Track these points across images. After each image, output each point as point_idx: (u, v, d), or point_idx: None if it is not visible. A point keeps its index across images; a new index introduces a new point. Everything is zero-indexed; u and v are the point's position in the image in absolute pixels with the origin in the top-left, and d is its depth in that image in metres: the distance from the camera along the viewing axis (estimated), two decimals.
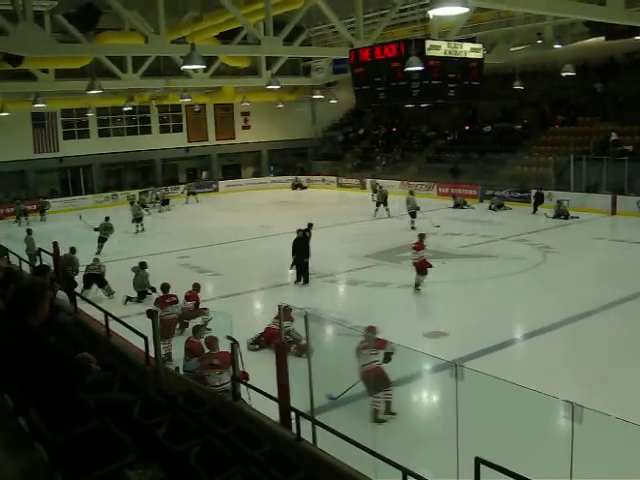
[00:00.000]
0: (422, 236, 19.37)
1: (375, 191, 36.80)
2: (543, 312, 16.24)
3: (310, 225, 21.86)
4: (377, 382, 10.77)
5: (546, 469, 8.24)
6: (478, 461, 5.40)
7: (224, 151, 49.62)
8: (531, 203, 32.16)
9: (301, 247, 19.62)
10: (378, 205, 31.61)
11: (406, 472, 5.59)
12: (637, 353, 13.58)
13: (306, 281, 19.69)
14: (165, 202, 40.16)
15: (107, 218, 26.43)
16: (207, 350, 10.76)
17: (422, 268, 18.63)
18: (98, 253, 21.44)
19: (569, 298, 17.36)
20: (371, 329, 11.24)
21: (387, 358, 10.77)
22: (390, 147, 46.92)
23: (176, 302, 14.75)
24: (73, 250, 19.19)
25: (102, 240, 25.21)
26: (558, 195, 31.62)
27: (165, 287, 15.17)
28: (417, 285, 18.73)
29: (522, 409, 9.54)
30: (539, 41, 33.53)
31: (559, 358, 13.53)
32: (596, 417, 7.34)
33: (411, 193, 31.43)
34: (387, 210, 31.22)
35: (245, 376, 9.90)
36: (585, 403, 6.55)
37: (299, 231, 20.05)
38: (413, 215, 29.04)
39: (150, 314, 14.55)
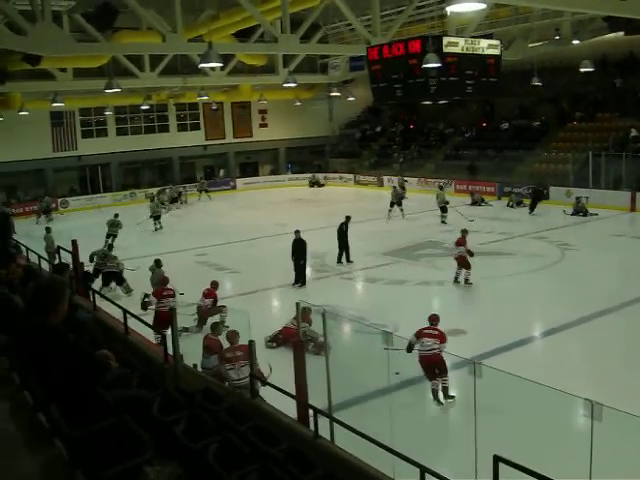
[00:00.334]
0: (465, 232, 19.39)
1: (402, 187, 36.90)
2: (561, 310, 16.14)
3: (348, 218, 22.46)
4: (436, 367, 11.54)
5: (565, 467, 8.21)
6: (497, 459, 5.38)
7: (241, 149, 49.69)
8: (532, 200, 31.73)
9: (299, 249, 19.44)
10: (392, 206, 30.99)
11: (424, 470, 5.59)
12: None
13: (303, 283, 19.44)
14: (174, 200, 40.34)
15: (116, 215, 26.84)
16: (228, 344, 10.82)
17: (464, 262, 18.74)
18: (109, 249, 21.46)
19: (588, 296, 17.26)
20: (434, 318, 12.09)
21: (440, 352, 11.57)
22: (407, 144, 46.80)
23: (172, 296, 14.89)
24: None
25: (109, 236, 25.56)
26: (577, 192, 31.41)
27: (164, 281, 15.54)
28: (467, 280, 18.82)
29: (541, 407, 9.51)
30: (557, 37, 33.27)
31: (578, 356, 13.46)
32: (616, 415, 7.31)
33: (440, 188, 31.87)
34: (402, 211, 30.73)
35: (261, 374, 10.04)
36: (604, 401, 6.51)
37: (297, 232, 19.78)
38: (444, 210, 29.40)
39: (144, 306, 14.88)
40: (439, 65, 16.77)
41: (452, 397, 11.57)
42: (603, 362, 12.82)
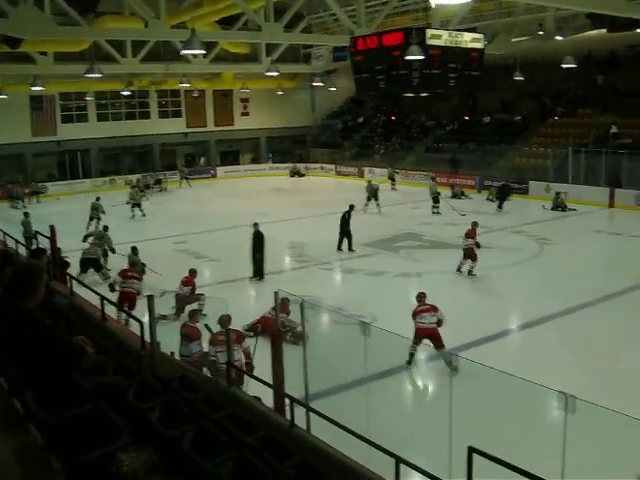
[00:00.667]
0: (475, 224, 19.56)
1: (392, 179, 37.00)
2: (540, 303, 16.27)
3: (352, 207, 22.89)
4: (431, 340, 12.33)
5: (539, 459, 8.27)
6: (471, 450, 5.41)
7: (223, 137, 49.53)
8: (499, 196, 31.50)
9: (258, 242, 19.05)
10: (368, 199, 30.51)
11: (399, 460, 5.61)
12: (633, 346, 13.65)
13: (261, 277, 19.07)
14: (147, 187, 40.37)
15: (98, 198, 27.42)
16: (220, 328, 10.92)
17: (471, 254, 18.87)
18: (105, 230, 21.42)
19: (566, 290, 17.39)
20: (422, 295, 13.05)
21: (439, 323, 12.49)
22: (389, 136, 46.86)
23: (137, 279, 15.26)
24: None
25: (92, 219, 26.00)
26: (556, 187, 31.60)
27: (132, 263, 16.52)
28: (470, 271, 18.93)
29: (517, 399, 9.58)
30: (540, 32, 33.42)
31: (555, 349, 13.55)
32: (590, 408, 7.37)
33: (432, 179, 32.39)
34: (378, 205, 30.16)
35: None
36: (580, 394, 6.56)
37: (255, 225, 19.47)
38: (436, 200, 29.72)
39: (111, 287, 15.04)
40: (422, 57, 16.79)
41: (455, 369, 11.62)
42: (580, 355, 12.94)
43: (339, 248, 22.35)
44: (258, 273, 19.03)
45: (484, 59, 19.05)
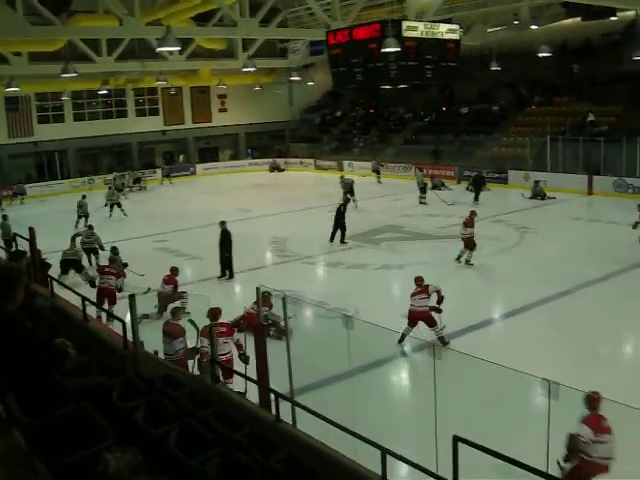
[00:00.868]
0: (473, 213, 19.59)
1: (377, 172, 37.01)
2: (521, 292, 16.38)
3: (347, 200, 23.62)
4: (423, 321, 12.99)
5: (524, 446, 8.33)
6: (456, 439, 5.43)
7: (201, 134, 49.33)
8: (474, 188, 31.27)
9: (225, 241, 18.81)
10: (348, 194, 29.53)
11: (385, 451, 5.62)
12: (613, 331, 13.77)
13: (231, 276, 18.87)
14: (137, 180, 40.31)
15: (83, 197, 27.83)
16: (211, 321, 10.93)
17: (470, 243, 18.99)
18: (90, 229, 21.34)
19: (546, 278, 17.49)
20: (419, 279, 13.56)
21: (440, 301, 13.27)
22: (367, 129, 46.88)
23: (114, 275, 15.51)
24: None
25: (80, 218, 26.41)
26: (535, 176, 31.76)
27: (111, 260, 16.90)
28: (467, 261, 19.03)
29: (500, 387, 9.64)
30: (515, 22, 33.54)
31: (537, 337, 13.61)
32: (573, 394, 7.44)
33: (419, 170, 32.71)
34: (354, 201, 29.23)
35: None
36: (564, 381, 6.61)
37: (222, 224, 19.22)
38: (423, 191, 30.09)
39: (92, 283, 15.20)
40: (398, 49, 16.80)
41: (447, 343, 12.83)
42: (562, 342, 13.01)
43: (331, 240, 22.37)
44: (227, 272, 18.83)
45: (460, 50, 19.10)
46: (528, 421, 9.23)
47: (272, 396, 7.42)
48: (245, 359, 10.53)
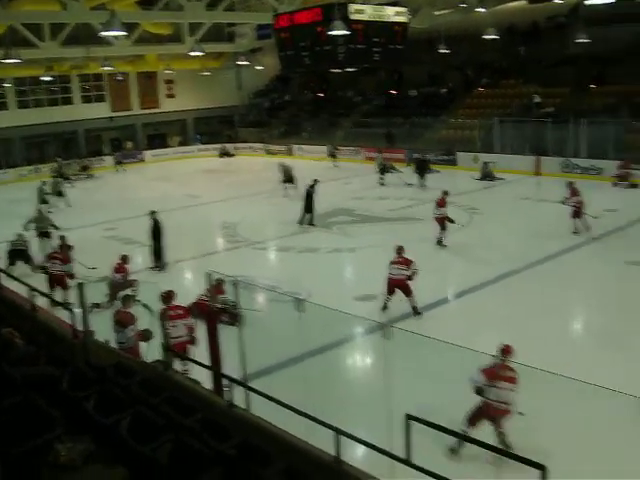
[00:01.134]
0: (445, 193, 19.65)
1: (333, 156, 36.98)
2: (471, 272, 16.61)
3: (315, 181, 22.93)
4: (400, 289, 13.73)
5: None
6: (409, 418, 5.48)
7: (149, 120, 48.77)
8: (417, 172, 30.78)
9: (156, 230, 18.39)
10: (285, 182, 29.03)
11: (338, 432, 5.65)
12: (562, 309, 14.03)
13: (162, 267, 18.47)
14: (84, 168, 39.78)
15: (43, 183, 28.48)
16: (164, 305, 11.02)
17: (442, 224, 19.14)
18: (40, 214, 21.14)
19: (496, 258, 17.76)
20: (400, 249, 14.09)
21: (413, 275, 13.72)
22: (317, 113, 46.80)
23: (60, 259, 15.61)
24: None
25: (42, 203, 26.26)
26: (484, 157, 32.09)
27: (60, 246, 16.80)
28: (440, 241, 19.18)
29: (451, 365, 9.76)
30: (463, 5, 33.74)
31: (488, 315, 13.79)
32: (525, 370, 7.60)
33: (379, 151, 33.32)
34: (294, 188, 28.32)
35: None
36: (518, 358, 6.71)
37: (153, 213, 18.72)
38: (383, 172, 30.55)
39: (42, 268, 15.41)
40: (346, 32, 16.78)
41: (420, 314, 13.72)
42: (511, 320, 13.20)
43: (301, 223, 22.40)
44: (158, 263, 18.49)
45: (408, 33, 19.16)
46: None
47: (225, 381, 7.40)
48: (193, 341, 10.67)
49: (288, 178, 29.13)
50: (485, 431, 8.29)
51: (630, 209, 23.18)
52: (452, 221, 19.40)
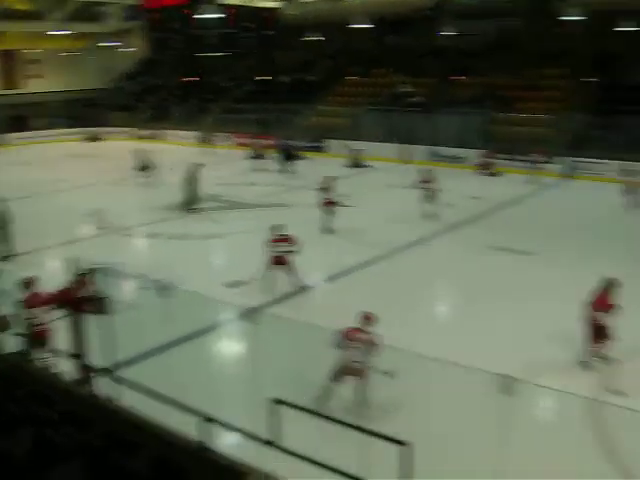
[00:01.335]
0: (329, 178, 20.04)
1: (206, 142, 36.37)
2: (338, 258, 16.88)
3: (198, 165, 22.79)
4: (285, 267, 14.16)
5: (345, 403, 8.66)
6: (275, 402, 5.53)
7: (10, 102, 46.67)
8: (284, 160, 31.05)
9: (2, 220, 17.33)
10: (141, 170, 27.83)
11: (206, 418, 5.64)
12: (425, 293, 14.47)
13: (6, 258, 17.18)
14: None
15: None
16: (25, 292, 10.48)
17: (329, 208, 19.37)
18: None
19: (362, 243, 18.23)
20: (279, 227, 14.47)
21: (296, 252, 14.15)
22: (186, 97, 46.10)
23: None
24: None
25: None
26: (353, 145, 32.51)
27: None
28: (327, 227, 19.38)
29: (316, 347, 9.92)
30: None
31: (354, 300, 14.00)
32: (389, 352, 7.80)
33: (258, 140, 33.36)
34: (149, 177, 27.37)
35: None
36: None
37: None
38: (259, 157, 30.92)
39: None
40: (216, 16, 16.62)
41: (304, 288, 14.27)
42: (376, 305, 13.44)
43: (183, 207, 22.37)
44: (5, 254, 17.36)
45: (280, 19, 19.14)
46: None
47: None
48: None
49: (145, 165, 27.92)
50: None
51: (492, 196, 24.26)
52: (340, 205, 19.73)
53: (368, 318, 9.31)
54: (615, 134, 29.08)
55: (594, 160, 27.29)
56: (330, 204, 19.50)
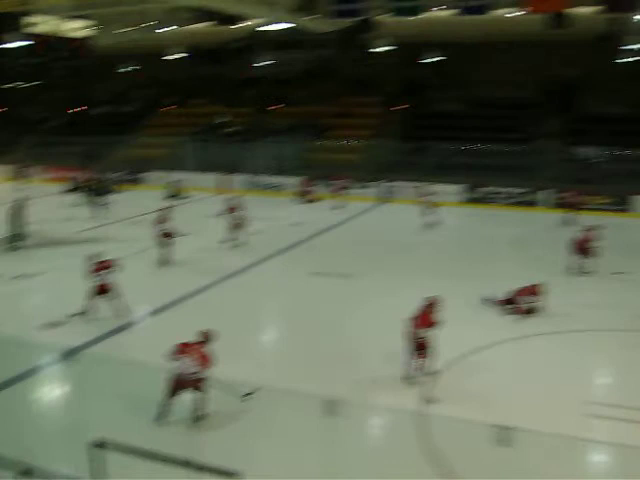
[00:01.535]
0: (165, 210, 19.84)
1: (20, 177, 34.37)
2: (164, 289, 16.64)
3: (21, 201, 21.67)
4: (109, 295, 13.98)
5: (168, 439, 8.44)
6: (96, 444, 5.32)
7: None
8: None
9: None
10: None
11: (23, 470, 5.32)
12: (252, 319, 14.50)
13: None
14: None
15: None
16: None
17: (165, 240, 18.93)
18: None
19: (191, 272, 18.29)
20: (98, 255, 14.18)
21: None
22: None
23: None
24: None
25: None
26: (171, 176, 32.11)
27: None
28: (163, 260, 18.91)
29: (143, 384, 9.66)
30: (149, 23, 33.68)
31: (187, 329, 13.72)
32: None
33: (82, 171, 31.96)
34: None
35: None
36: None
37: None
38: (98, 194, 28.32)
39: None
40: (22, 44, 15.96)
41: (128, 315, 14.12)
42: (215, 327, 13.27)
43: (6, 244, 21.20)
44: None
45: (93, 48, 18.67)
46: (174, 416, 9.38)
47: None
48: None
49: None
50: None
51: (310, 223, 25.02)
52: (176, 235, 19.39)
53: (205, 334, 9.70)
54: (424, 158, 30.78)
55: (407, 183, 28.41)
56: (166, 236, 19.12)
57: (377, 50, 35.59)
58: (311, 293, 16.56)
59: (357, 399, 9.87)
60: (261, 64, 36.80)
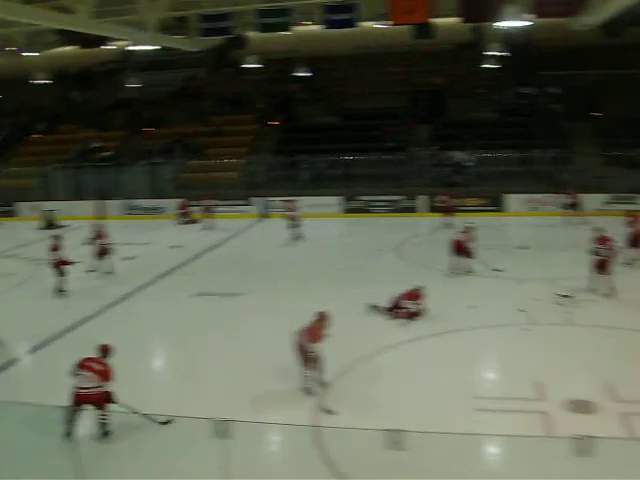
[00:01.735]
0: (57, 237, 19.17)
1: None
2: (49, 322, 15.94)
3: None
4: None
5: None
6: None
7: None
8: None
9: None
10: None
11: None
12: (131, 348, 14.01)
13: None
14: None
15: None
16: None
17: (60, 269, 18.31)
18: None
19: (73, 302, 17.70)
20: None
21: None
22: None
23: None
24: None
25: None
26: (45, 205, 31.10)
27: None
28: (60, 289, 18.22)
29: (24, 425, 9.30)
30: (12, 48, 32.61)
31: (64, 365, 13.28)
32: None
33: None
34: None
35: None
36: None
37: None
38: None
39: None
40: None
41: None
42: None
43: None
44: None
45: None
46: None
47: None
48: None
49: None
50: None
51: (191, 244, 24.83)
52: (71, 263, 18.78)
53: (104, 349, 9.92)
54: (300, 172, 31.13)
55: (286, 198, 28.52)
56: (61, 264, 18.42)
57: (248, 67, 35.68)
58: (197, 315, 16.37)
59: (249, 417, 9.78)
60: (132, 86, 36.20)
